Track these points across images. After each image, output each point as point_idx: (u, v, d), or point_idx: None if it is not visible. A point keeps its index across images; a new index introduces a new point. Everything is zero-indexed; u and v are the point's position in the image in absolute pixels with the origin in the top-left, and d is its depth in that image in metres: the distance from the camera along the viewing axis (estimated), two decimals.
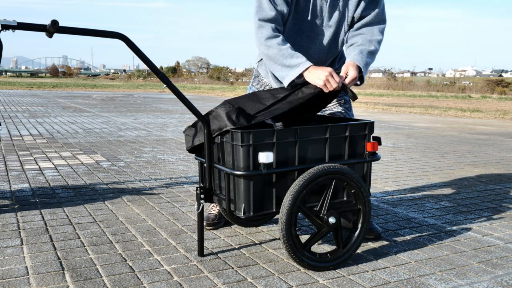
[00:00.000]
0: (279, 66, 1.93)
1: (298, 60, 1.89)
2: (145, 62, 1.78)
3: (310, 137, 1.87)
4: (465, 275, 1.85)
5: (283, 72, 1.92)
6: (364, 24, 2.07)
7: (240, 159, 1.76)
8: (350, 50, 2.05)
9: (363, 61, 1.98)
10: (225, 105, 1.89)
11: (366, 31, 2.06)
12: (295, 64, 1.89)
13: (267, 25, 1.95)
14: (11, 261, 1.87)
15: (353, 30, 2.09)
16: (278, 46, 1.92)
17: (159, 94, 21.62)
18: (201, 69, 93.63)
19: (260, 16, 1.96)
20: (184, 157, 4.47)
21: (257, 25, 1.96)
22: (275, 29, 1.96)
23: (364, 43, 2.03)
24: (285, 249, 1.78)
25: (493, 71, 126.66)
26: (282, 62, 1.91)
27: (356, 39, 2.06)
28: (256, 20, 1.97)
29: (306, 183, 1.76)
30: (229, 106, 1.88)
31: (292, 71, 1.89)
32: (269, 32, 1.94)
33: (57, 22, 1.60)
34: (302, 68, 1.88)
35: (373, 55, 2.03)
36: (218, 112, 1.85)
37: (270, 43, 1.93)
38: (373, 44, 2.04)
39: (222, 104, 1.90)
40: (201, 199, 1.93)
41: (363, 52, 2.00)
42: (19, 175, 3.43)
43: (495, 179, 3.80)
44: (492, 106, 17.78)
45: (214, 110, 1.88)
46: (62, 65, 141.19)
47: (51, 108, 10.48)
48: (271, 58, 1.95)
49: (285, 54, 1.91)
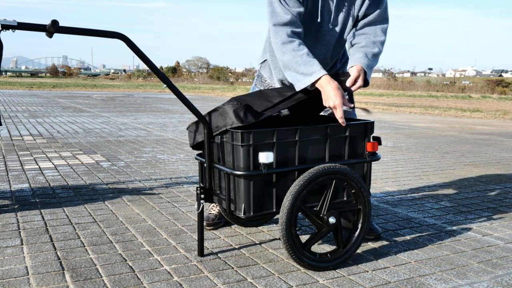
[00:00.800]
0: (293, 73, 1.89)
1: (312, 68, 1.85)
2: (145, 62, 1.77)
3: (310, 137, 1.86)
4: (465, 275, 1.85)
5: (296, 79, 1.88)
6: (367, 23, 2.04)
7: (240, 159, 1.76)
8: (354, 51, 2.03)
9: (368, 65, 1.96)
10: (232, 102, 1.87)
11: (369, 31, 2.04)
12: (308, 73, 1.85)
13: (282, 30, 1.90)
14: (11, 261, 1.87)
15: (356, 29, 2.07)
16: (293, 52, 1.88)
17: (159, 94, 21.62)
18: (201, 69, 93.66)
19: (274, 21, 1.92)
20: (184, 157, 4.47)
21: (272, 30, 1.92)
22: (292, 33, 1.90)
23: (368, 44, 2.01)
24: (285, 249, 1.78)
25: (493, 71, 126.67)
26: (296, 69, 1.87)
27: (359, 39, 2.04)
28: (271, 25, 1.93)
29: (306, 183, 1.76)
30: (236, 103, 1.86)
31: (305, 79, 1.86)
32: (284, 37, 1.90)
33: (57, 22, 1.60)
34: (315, 77, 1.84)
35: (376, 57, 2.02)
36: (226, 109, 1.84)
37: (285, 49, 1.89)
38: (377, 45, 2.02)
39: (229, 101, 1.89)
40: (201, 199, 1.93)
41: (368, 55, 1.98)
42: (19, 175, 3.44)
43: (495, 179, 3.80)
44: (492, 106, 17.78)
45: (221, 106, 1.87)
46: (62, 65, 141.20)
47: (51, 108, 10.48)
48: (285, 64, 1.91)
49: (299, 61, 1.87)
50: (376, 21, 2.04)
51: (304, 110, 2.21)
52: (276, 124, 2.21)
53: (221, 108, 1.86)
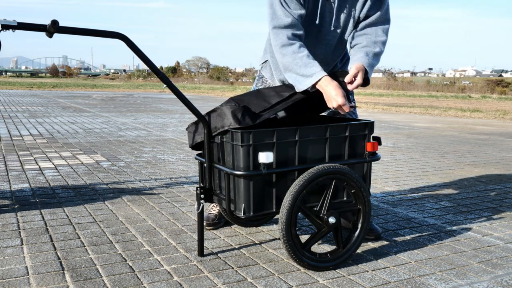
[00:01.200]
0: (293, 75, 1.89)
1: (312, 69, 1.86)
2: (145, 62, 1.77)
3: (310, 137, 1.86)
4: (465, 275, 1.85)
5: (297, 81, 1.89)
6: (368, 24, 2.04)
7: (240, 159, 1.76)
8: (355, 51, 2.03)
9: (369, 63, 1.96)
10: (230, 103, 1.88)
11: (370, 32, 2.04)
12: (309, 74, 1.86)
13: (282, 33, 1.90)
14: (11, 261, 1.87)
15: (357, 30, 2.07)
16: (293, 54, 1.88)
17: (159, 94, 21.62)
18: (201, 69, 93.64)
19: (275, 24, 1.91)
20: (184, 157, 4.47)
21: (273, 33, 1.93)
22: (292, 36, 1.91)
23: (369, 44, 2.01)
24: (285, 249, 1.78)
25: (493, 71, 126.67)
26: (296, 71, 1.88)
27: (361, 39, 2.04)
28: (271, 28, 1.93)
29: (306, 183, 1.76)
30: (234, 104, 1.86)
31: (306, 80, 1.86)
32: (284, 40, 1.90)
33: (57, 22, 1.60)
34: (315, 79, 1.84)
35: (378, 56, 2.02)
36: (223, 110, 1.84)
37: (285, 51, 1.89)
38: (378, 45, 2.01)
39: (227, 102, 1.89)
40: (201, 199, 1.93)
41: (368, 54, 1.98)
42: (19, 175, 3.44)
43: (495, 179, 3.80)
44: (492, 106, 17.78)
45: (219, 107, 1.87)
46: (62, 65, 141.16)
47: (51, 108, 10.48)
48: (285, 66, 1.91)
49: (299, 63, 1.87)
50: (377, 22, 2.04)
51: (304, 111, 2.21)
52: (275, 124, 2.21)
53: (219, 109, 1.86)
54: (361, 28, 2.05)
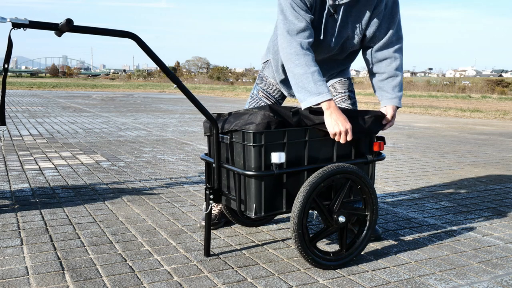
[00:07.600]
0: (300, 88, 1.88)
1: (320, 88, 1.85)
2: (156, 61, 1.77)
3: (319, 137, 1.88)
4: (465, 275, 1.85)
5: (302, 94, 1.87)
6: (382, 46, 2.04)
7: (251, 159, 1.77)
8: (380, 84, 2.07)
9: (399, 98, 2.08)
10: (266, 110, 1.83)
11: (387, 55, 2.05)
12: (317, 92, 1.85)
13: (296, 40, 1.88)
14: (11, 261, 1.87)
15: (373, 52, 2.06)
16: (306, 67, 1.86)
17: (159, 94, 21.63)
18: (201, 69, 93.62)
19: (288, 28, 1.89)
20: (184, 157, 4.47)
21: (286, 39, 1.90)
22: (306, 45, 1.89)
23: (391, 74, 2.05)
24: (293, 239, 1.77)
25: (493, 71, 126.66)
26: (304, 85, 1.86)
27: (380, 67, 2.06)
28: (284, 31, 1.90)
29: (326, 176, 1.79)
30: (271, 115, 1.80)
31: (311, 97, 1.85)
32: (298, 49, 1.88)
33: (71, 21, 1.59)
34: (322, 99, 1.84)
35: (401, 84, 2.08)
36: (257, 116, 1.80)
37: (298, 61, 1.88)
38: (399, 71, 2.07)
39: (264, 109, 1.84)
40: (210, 199, 1.93)
41: (395, 88, 2.06)
42: (19, 175, 3.44)
43: (495, 179, 3.80)
44: (492, 106, 17.78)
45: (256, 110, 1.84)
46: (62, 65, 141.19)
47: (51, 108, 10.48)
48: (295, 76, 1.89)
49: (309, 78, 1.85)
50: (391, 41, 2.04)
51: None
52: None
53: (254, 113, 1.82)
54: (376, 50, 2.06)
